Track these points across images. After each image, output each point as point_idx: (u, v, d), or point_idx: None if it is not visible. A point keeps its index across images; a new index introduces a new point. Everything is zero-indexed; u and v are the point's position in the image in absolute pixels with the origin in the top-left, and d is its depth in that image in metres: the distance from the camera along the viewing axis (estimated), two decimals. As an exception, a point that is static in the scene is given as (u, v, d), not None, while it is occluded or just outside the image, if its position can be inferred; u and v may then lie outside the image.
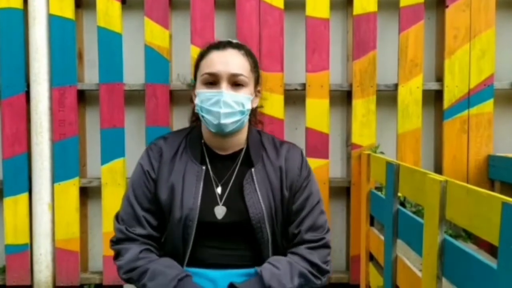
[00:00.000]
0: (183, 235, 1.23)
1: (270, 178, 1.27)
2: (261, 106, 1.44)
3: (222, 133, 1.25)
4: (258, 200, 1.24)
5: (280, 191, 1.27)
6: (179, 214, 1.22)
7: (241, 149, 1.32)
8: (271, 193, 1.26)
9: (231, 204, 1.26)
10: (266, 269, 1.18)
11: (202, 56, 1.29)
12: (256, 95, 1.33)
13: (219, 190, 1.27)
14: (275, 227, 1.26)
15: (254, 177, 1.26)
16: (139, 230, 1.25)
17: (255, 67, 1.31)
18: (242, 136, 1.32)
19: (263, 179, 1.26)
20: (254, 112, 1.39)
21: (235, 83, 1.23)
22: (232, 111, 1.22)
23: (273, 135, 1.42)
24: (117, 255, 1.27)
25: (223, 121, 1.21)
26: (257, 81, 1.32)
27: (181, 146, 1.31)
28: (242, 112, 1.24)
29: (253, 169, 1.27)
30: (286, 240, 1.30)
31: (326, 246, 1.27)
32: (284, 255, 1.27)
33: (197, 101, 1.25)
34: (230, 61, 1.23)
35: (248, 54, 1.29)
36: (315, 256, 1.24)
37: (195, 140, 1.32)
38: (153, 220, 1.28)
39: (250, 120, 1.37)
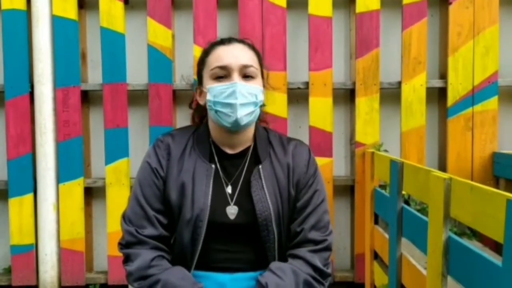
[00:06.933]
0: (193, 236, 1.20)
1: (277, 175, 1.25)
2: (264, 105, 1.42)
3: (237, 127, 1.22)
4: (265, 197, 1.22)
5: (287, 189, 1.25)
6: (189, 215, 1.20)
7: (249, 147, 1.30)
8: (278, 190, 1.24)
9: (241, 203, 1.24)
10: (271, 282, 1.14)
11: (207, 53, 1.27)
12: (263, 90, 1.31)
13: (229, 189, 1.25)
14: (282, 227, 1.24)
15: (262, 174, 1.24)
16: (149, 231, 1.21)
17: (261, 61, 1.30)
18: (250, 133, 1.30)
19: (270, 176, 1.25)
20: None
21: (246, 74, 1.22)
22: (247, 102, 1.20)
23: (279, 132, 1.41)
24: (126, 260, 1.22)
25: (239, 112, 1.18)
26: (263, 75, 1.31)
27: (188, 144, 1.29)
28: (255, 104, 1.22)
29: (260, 166, 1.25)
30: (288, 240, 1.27)
31: (328, 248, 1.25)
32: (286, 256, 1.25)
33: (208, 96, 1.22)
34: (239, 54, 1.23)
35: (253, 48, 1.29)
36: (317, 260, 1.21)
37: (203, 138, 1.30)
38: (164, 219, 1.24)
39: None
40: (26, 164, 2.30)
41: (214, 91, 1.21)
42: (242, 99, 1.19)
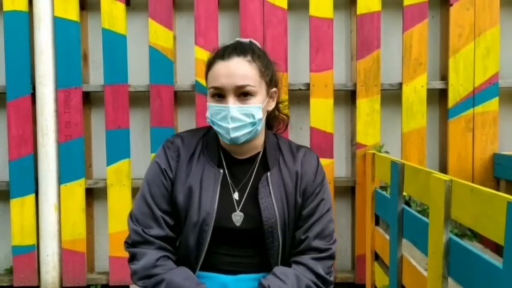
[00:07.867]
0: (198, 240, 1.21)
1: (285, 182, 1.25)
2: (285, 101, 1.40)
3: (236, 144, 1.23)
4: (272, 204, 1.22)
5: (294, 196, 1.25)
6: (195, 218, 1.20)
7: (258, 153, 1.30)
8: (285, 197, 1.24)
9: (248, 210, 1.24)
10: (273, 284, 1.15)
11: (209, 66, 1.24)
12: (272, 96, 1.28)
13: (236, 195, 1.25)
14: (286, 234, 1.24)
15: (269, 181, 1.24)
16: (156, 231, 1.22)
17: (266, 69, 1.23)
18: (259, 141, 1.29)
19: (278, 183, 1.25)
20: (273, 114, 1.36)
21: (243, 93, 1.19)
22: (242, 124, 1.19)
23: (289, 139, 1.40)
24: (132, 259, 1.23)
25: (233, 135, 1.19)
26: (269, 84, 1.26)
27: (197, 148, 1.29)
28: (253, 124, 1.20)
29: (268, 173, 1.25)
30: (292, 247, 1.27)
31: (332, 257, 1.25)
32: (290, 262, 1.25)
33: (208, 113, 1.22)
34: (235, 73, 1.17)
35: (256, 58, 1.21)
36: (319, 267, 1.21)
37: (212, 142, 1.30)
38: (170, 220, 1.25)
39: (271, 123, 1.36)
40: (27, 165, 2.30)
41: (211, 110, 1.21)
42: (234, 123, 1.18)
